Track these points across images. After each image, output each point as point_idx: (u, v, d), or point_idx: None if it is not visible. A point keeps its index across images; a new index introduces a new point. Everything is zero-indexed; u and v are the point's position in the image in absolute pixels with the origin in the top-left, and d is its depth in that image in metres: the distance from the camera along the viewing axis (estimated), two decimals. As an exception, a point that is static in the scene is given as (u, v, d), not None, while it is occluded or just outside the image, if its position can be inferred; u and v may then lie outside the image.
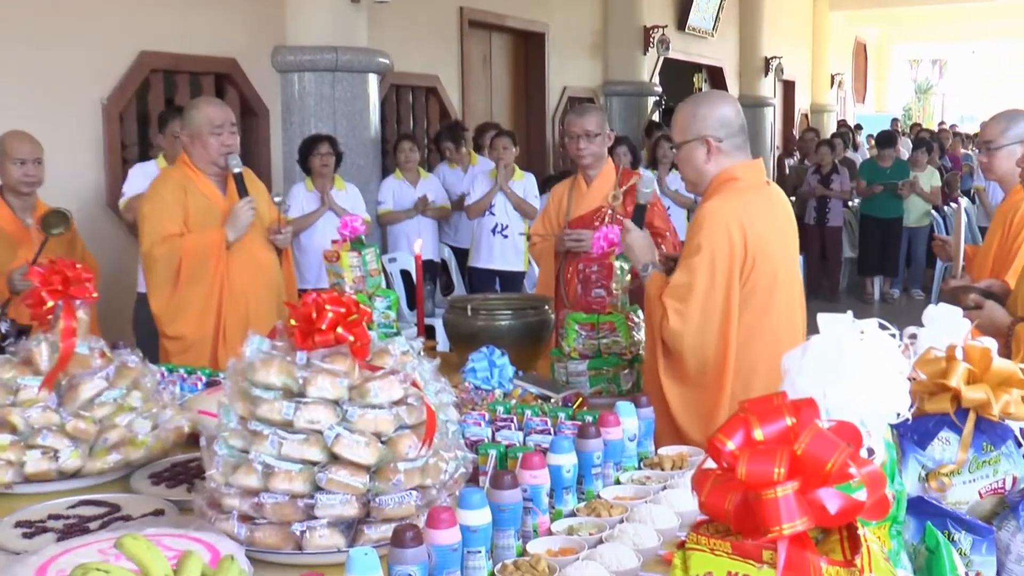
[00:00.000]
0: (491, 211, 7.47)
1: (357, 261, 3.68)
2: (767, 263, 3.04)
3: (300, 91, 7.27)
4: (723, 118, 3.10)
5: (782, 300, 3.11)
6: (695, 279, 3.00)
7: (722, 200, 3.06)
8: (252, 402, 2.08)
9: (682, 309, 3.01)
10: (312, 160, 6.66)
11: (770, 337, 3.04)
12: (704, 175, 3.14)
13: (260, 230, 4.26)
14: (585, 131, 4.55)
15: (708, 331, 3.02)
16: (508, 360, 3.10)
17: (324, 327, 2.06)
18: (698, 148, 3.11)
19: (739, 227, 2.99)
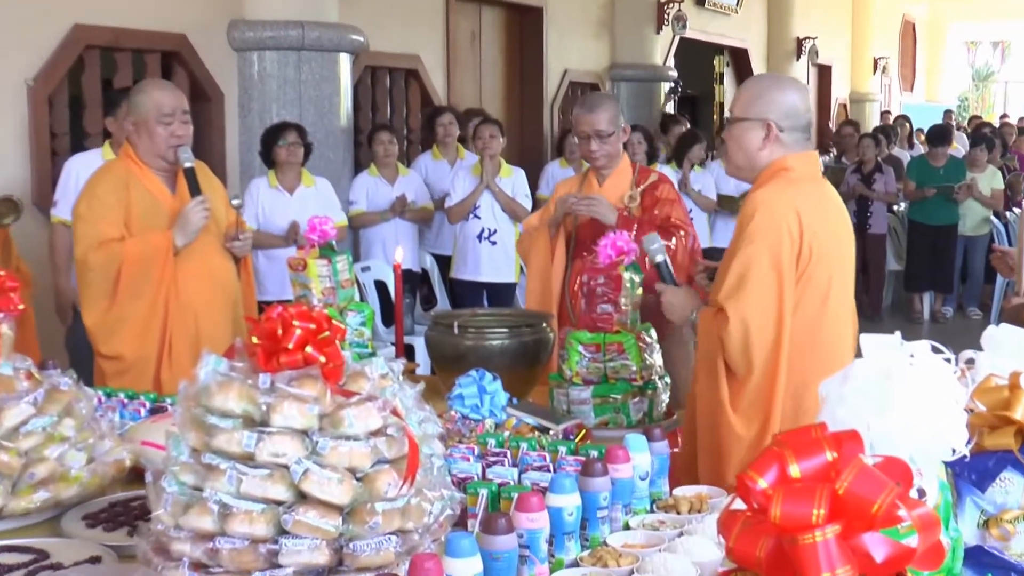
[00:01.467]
0: (476, 214, 7.48)
1: (327, 270, 3.70)
2: (823, 262, 3.18)
3: (260, 73, 7.29)
4: (791, 107, 3.25)
5: (837, 310, 3.22)
6: (750, 266, 3.11)
7: (775, 188, 3.19)
8: (207, 431, 2.09)
9: (738, 300, 3.12)
10: (278, 151, 6.67)
11: (825, 350, 3.13)
12: (754, 161, 3.26)
13: (215, 234, 4.26)
14: (596, 131, 4.57)
15: (765, 326, 3.10)
16: (500, 385, 3.12)
17: (291, 346, 2.06)
18: (755, 130, 3.24)
19: (795, 216, 3.14)
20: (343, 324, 2.23)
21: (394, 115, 9.39)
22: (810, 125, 3.31)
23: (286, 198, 6.70)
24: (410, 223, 7.73)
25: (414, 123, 9.59)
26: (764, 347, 3.13)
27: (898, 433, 1.63)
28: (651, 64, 12.62)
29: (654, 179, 4.67)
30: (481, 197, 7.46)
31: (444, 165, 8.21)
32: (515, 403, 3.17)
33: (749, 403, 3.18)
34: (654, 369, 3.58)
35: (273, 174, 6.75)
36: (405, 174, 7.82)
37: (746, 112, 3.27)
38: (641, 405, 3.51)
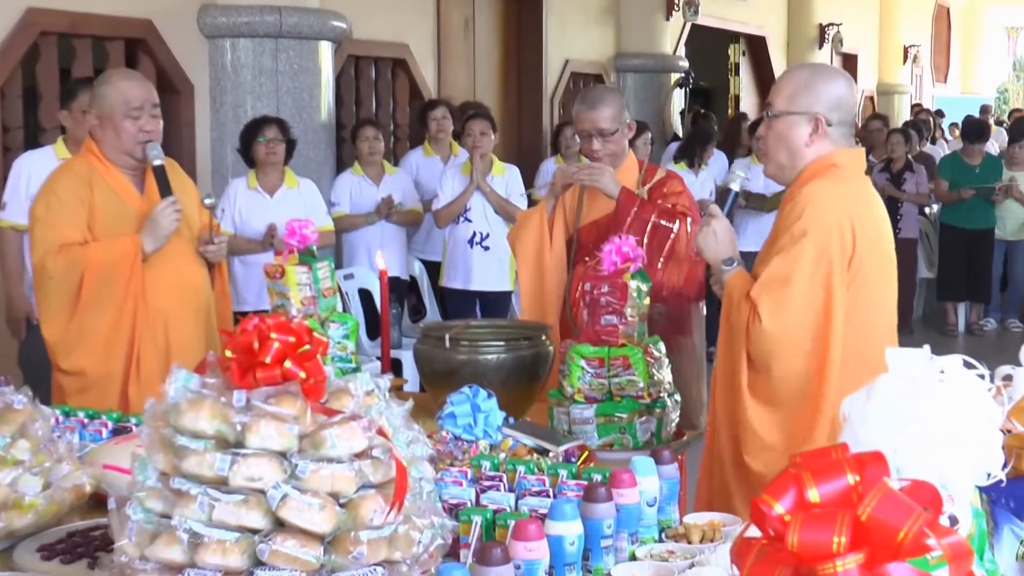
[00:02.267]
0: (466, 216, 7.48)
1: (307, 278, 3.71)
2: (872, 267, 3.22)
3: (233, 62, 7.31)
4: (840, 99, 3.28)
5: (888, 323, 3.23)
6: (795, 267, 3.13)
7: (826, 184, 3.21)
8: (176, 454, 2.09)
9: (778, 303, 3.13)
10: (257, 148, 6.67)
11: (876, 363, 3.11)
12: (799, 159, 3.28)
13: (187, 238, 4.27)
14: (598, 129, 4.58)
15: (803, 335, 3.11)
16: (496, 403, 3.13)
17: (268, 360, 2.08)
18: (802, 125, 3.26)
19: (848, 216, 3.17)
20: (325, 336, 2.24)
21: (380, 109, 9.40)
22: (856, 119, 3.37)
23: (265, 200, 6.70)
24: (397, 226, 7.73)
25: (401, 118, 9.60)
26: (795, 361, 3.14)
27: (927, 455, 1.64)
28: (660, 53, 12.64)
29: (661, 176, 4.70)
30: (472, 198, 7.45)
31: (436, 162, 8.21)
32: (512, 423, 3.18)
33: (783, 428, 3.18)
34: (663, 386, 3.58)
35: (252, 174, 6.75)
36: (392, 173, 7.82)
37: (790, 106, 3.28)
38: (649, 425, 3.52)
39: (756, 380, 3.21)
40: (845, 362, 3.15)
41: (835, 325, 3.13)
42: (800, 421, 3.17)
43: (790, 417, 3.19)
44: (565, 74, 11.64)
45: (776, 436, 3.20)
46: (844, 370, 3.14)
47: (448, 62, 10.10)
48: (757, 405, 3.21)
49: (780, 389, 3.18)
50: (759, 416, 3.21)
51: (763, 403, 3.21)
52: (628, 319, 3.59)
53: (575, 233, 4.67)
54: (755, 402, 3.21)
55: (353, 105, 9.09)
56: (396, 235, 7.74)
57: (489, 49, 10.90)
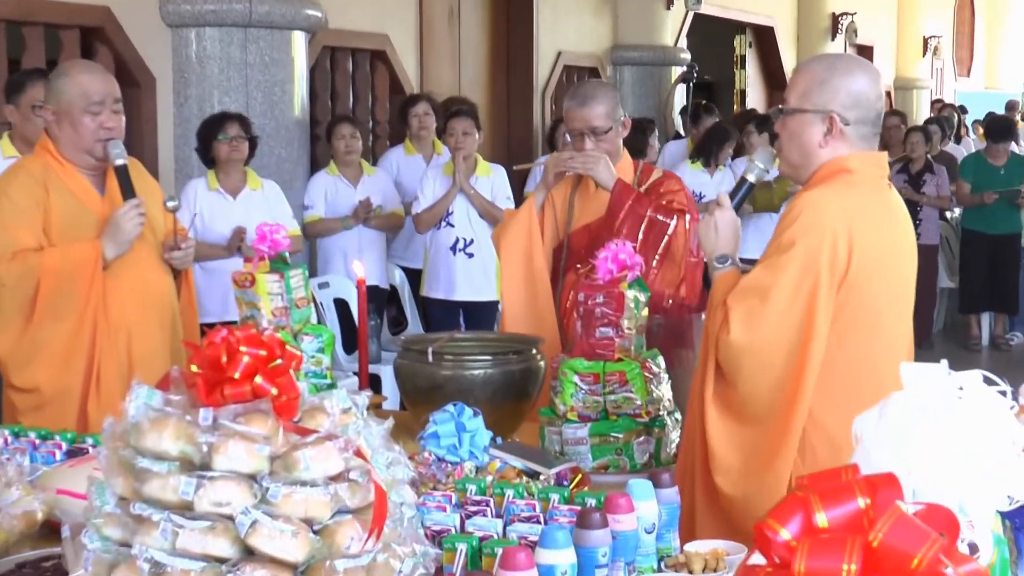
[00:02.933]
0: (448, 221, 7.49)
1: (279, 286, 3.71)
2: (873, 286, 3.16)
3: (199, 53, 7.31)
4: (859, 95, 3.23)
5: (892, 345, 3.19)
6: (777, 279, 3.11)
7: (828, 191, 3.18)
8: (137, 477, 2.10)
9: (751, 315, 3.12)
10: (217, 147, 6.68)
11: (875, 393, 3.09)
12: (811, 160, 3.26)
13: (151, 244, 4.26)
14: (591, 128, 4.58)
15: (776, 352, 3.10)
16: (482, 422, 3.14)
17: (237, 375, 2.08)
18: (815, 124, 3.23)
19: (845, 229, 3.12)
20: (298, 350, 2.24)
21: (357, 104, 9.41)
22: (880, 117, 3.28)
23: (228, 203, 6.70)
24: (376, 231, 7.74)
25: (381, 114, 9.61)
26: (765, 379, 3.14)
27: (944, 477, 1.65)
28: (660, 45, 12.67)
29: (658, 176, 4.71)
30: (454, 202, 7.45)
31: (418, 162, 8.22)
32: (499, 443, 3.19)
33: (742, 448, 3.18)
34: (662, 403, 3.59)
35: (213, 175, 6.75)
36: (370, 173, 7.83)
37: (803, 102, 3.25)
38: (647, 445, 3.53)
39: (722, 392, 3.21)
40: (832, 387, 3.12)
41: (814, 346, 3.09)
42: (762, 443, 3.15)
43: (752, 437, 3.17)
44: (558, 67, 11.65)
45: (733, 454, 3.20)
46: (830, 396, 3.12)
47: (431, 54, 10.12)
48: (719, 419, 3.20)
49: (745, 406, 3.18)
50: (717, 430, 3.20)
51: (725, 417, 3.20)
52: (625, 331, 3.59)
53: (565, 238, 4.68)
54: (717, 415, 3.21)
55: (329, 100, 9.10)
56: (375, 241, 7.75)
57: (476, 40, 10.92)
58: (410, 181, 8.04)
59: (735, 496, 3.17)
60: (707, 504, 3.26)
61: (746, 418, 3.19)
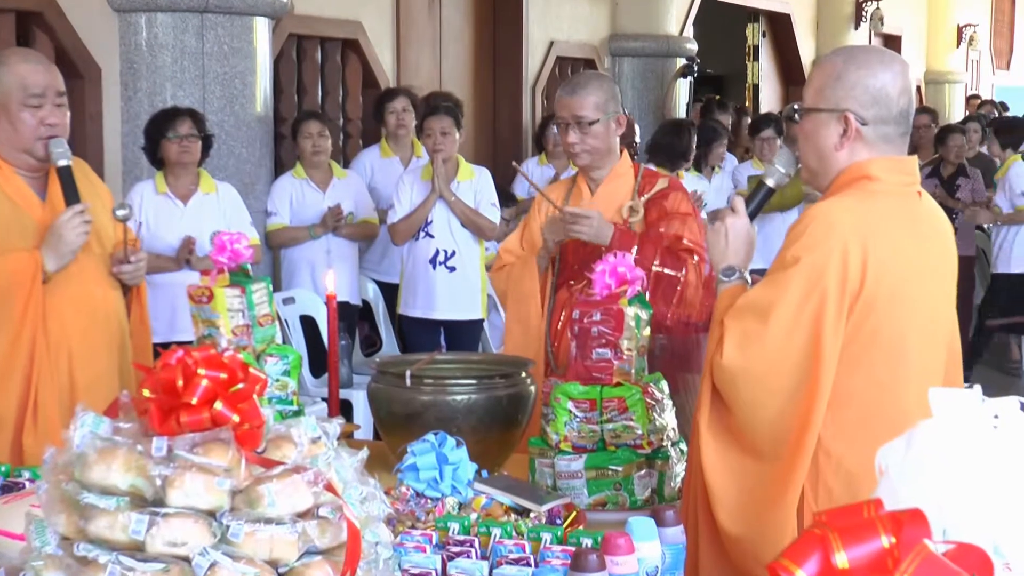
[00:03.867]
0: (427, 231, 7.46)
1: (240, 302, 3.71)
2: (894, 307, 3.12)
3: (149, 42, 7.29)
4: (879, 92, 3.21)
5: (919, 375, 3.15)
6: (779, 298, 3.09)
7: (844, 202, 3.17)
8: (82, 514, 2.10)
9: (748, 336, 3.11)
10: (166, 146, 6.66)
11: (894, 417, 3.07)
12: (828, 165, 3.25)
13: (97, 256, 4.24)
14: (576, 117, 4.60)
15: (777, 379, 3.09)
16: (466, 453, 3.14)
17: (195, 401, 2.09)
18: (829, 124, 3.23)
19: (859, 243, 3.09)
20: (262, 373, 2.25)
21: (327, 99, 9.42)
22: (907, 116, 3.25)
23: (178, 209, 6.68)
24: (347, 242, 7.73)
25: (353, 110, 9.62)
26: (764, 409, 3.12)
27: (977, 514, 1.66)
28: (663, 34, 12.67)
29: (663, 186, 4.70)
30: (434, 209, 7.43)
31: (395, 164, 8.22)
32: (485, 476, 3.20)
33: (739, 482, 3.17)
34: (666, 433, 3.60)
35: (161, 177, 6.72)
36: (341, 177, 7.82)
37: (817, 100, 3.25)
38: (649, 480, 3.54)
39: (719, 418, 3.20)
40: (847, 418, 3.11)
41: (823, 374, 3.07)
42: (766, 477, 3.12)
43: (754, 469, 3.15)
44: (549, 59, 11.66)
45: (732, 487, 3.18)
46: (846, 427, 3.10)
47: (409, 44, 10.11)
48: (714, 447, 3.18)
49: (745, 434, 3.17)
50: (712, 459, 3.18)
51: (722, 445, 3.18)
52: (624, 353, 3.60)
53: (557, 250, 4.69)
54: (713, 443, 3.18)
55: (295, 94, 9.09)
56: (346, 252, 7.74)
57: (458, 28, 10.92)
58: (386, 186, 8.02)
59: (736, 535, 3.17)
60: (709, 544, 3.26)
61: (746, 448, 3.18)
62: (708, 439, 3.20)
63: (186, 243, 6.52)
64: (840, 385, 3.11)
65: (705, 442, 3.20)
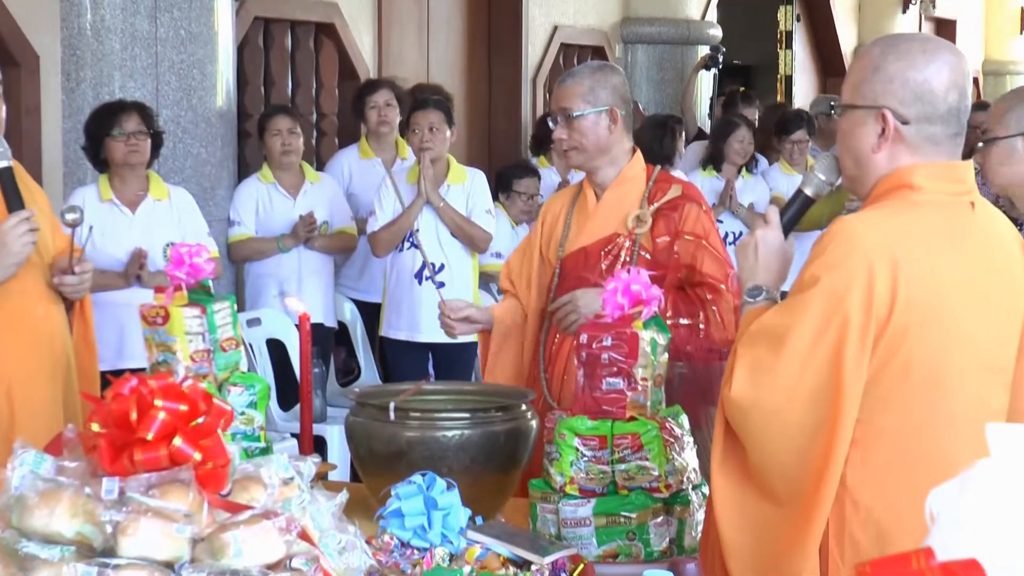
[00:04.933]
0: (412, 242, 7.46)
1: (199, 324, 3.72)
2: (932, 335, 3.09)
3: (95, 25, 7.28)
4: (922, 87, 3.18)
5: (959, 405, 3.13)
6: (794, 324, 3.08)
7: (875, 215, 3.16)
8: (21, 565, 2.11)
9: (759, 366, 3.10)
10: (111, 146, 6.66)
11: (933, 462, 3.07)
12: (866, 169, 3.24)
13: (36, 268, 4.26)
14: (561, 108, 4.63)
15: (793, 413, 3.08)
16: (458, 497, 3.15)
17: (151, 436, 2.10)
18: (866, 123, 3.21)
19: (888, 263, 3.06)
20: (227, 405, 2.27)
21: (298, 92, 9.43)
22: (957, 114, 3.21)
23: (125, 218, 6.67)
24: (322, 255, 7.74)
25: (328, 104, 9.63)
26: (781, 451, 3.11)
27: (1042, 567, 1.67)
28: (683, 18, 12.69)
29: (675, 195, 4.67)
30: (420, 217, 7.44)
31: (376, 166, 8.21)
32: (480, 523, 3.21)
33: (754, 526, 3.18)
34: (686, 475, 3.60)
35: (106, 181, 6.72)
36: (314, 181, 7.83)
37: (854, 96, 3.24)
38: (666, 528, 3.54)
39: (732, 456, 3.19)
40: (876, 462, 3.09)
41: (844, 411, 3.05)
42: (782, 524, 3.11)
43: (768, 515, 3.13)
44: (553, 46, 11.68)
45: (744, 534, 3.17)
46: (875, 472, 3.09)
47: (392, 29, 10.13)
48: (726, 488, 3.16)
49: (758, 475, 3.16)
50: (724, 502, 3.16)
51: (734, 487, 3.16)
52: (639, 383, 3.59)
53: (557, 264, 4.70)
54: (724, 484, 3.16)
55: (261, 86, 9.11)
56: (319, 267, 7.75)
57: (449, 11, 10.94)
58: (365, 191, 8.02)
59: None
60: None
61: (761, 491, 3.16)
62: (720, 480, 3.20)
63: (136, 256, 6.51)
64: (869, 424, 3.09)
65: (717, 484, 3.20)
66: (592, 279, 4.52)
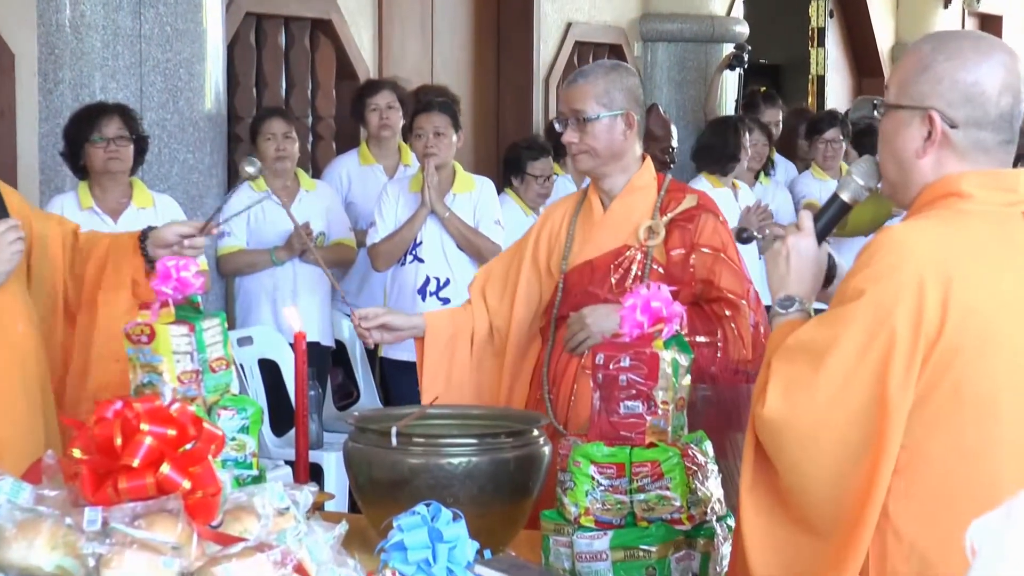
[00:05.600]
0: (415, 254, 7.47)
1: (188, 343, 3.72)
2: (984, 359, 3.07)
3: (74, 22, 7.29)
4: (973, 88, 3.18)
5: (1012, 429, 3.11)
6: (835, 339, 3.07)
7: (923, 224, 3.16)
8: (-2, 600, 2.12)
9: (796, 383, 3.10)
10: (91, 152, 6.67)
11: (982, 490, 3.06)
12: (910, 175, 3.23)
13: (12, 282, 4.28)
14: (572, 111, 4.65)
15: (832, 435, 3.07)
16: (465, 529, 3.16)
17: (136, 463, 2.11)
18: (911, 125, 3.21)
19: (940, 279, 3.05)
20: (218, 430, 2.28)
21: (292, 93, 9.45)
22: (1010, 119, 3.20)
23: (107, 227, 6.62)
24: (318, 268, 7.73)
25: (324, 107, 9.64)
26: (819, 475, 3.11)
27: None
28: (706, 14, 12.68)
29: (691, 205, 4.69)
30: (424, 228, 7.46)
31: (377, 173, 8.23)
32: (488, 557, 3.21)
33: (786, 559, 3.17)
34: (709, 505, 3.60)
35: (86, 188, 6.76)
36: (310, 188, 7.86)
37: (899, 96, 3.23)
38: (689, 562, 3.54)
39: (763, 480, 3.19)
40: (921, 489, 3.07)
41: (889, 434, 3.03)
42: (818, 555, 3.09)
43: (802, 544, 3.11)
44: (566, 45, 11.69)
45: (775, 565, 3.16)
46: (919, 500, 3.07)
47: (394, 27, 10.14)
48: (755, 516, 3.14)
49: (792, 501, 3.15)
50: (754, 530, 3.14)
51: (764, 514, 3.15)
52: (659, 407, 3.59)
53: (560, 278, 4.71)
54: (754, 511, 3.15)
55: (253, 87, 9.12)
56: (315, 281, 7.77)
57: (454, 6, 10.95)
58: (365, 200, 8.03)
59: None
60: None
61: (795, 519, 3.15)
62: (749, 506, 3.18)
63: None
64: (914, 450, 3.07)
65: (746, 510, 3.19)
66: (601, 295, 4.54)
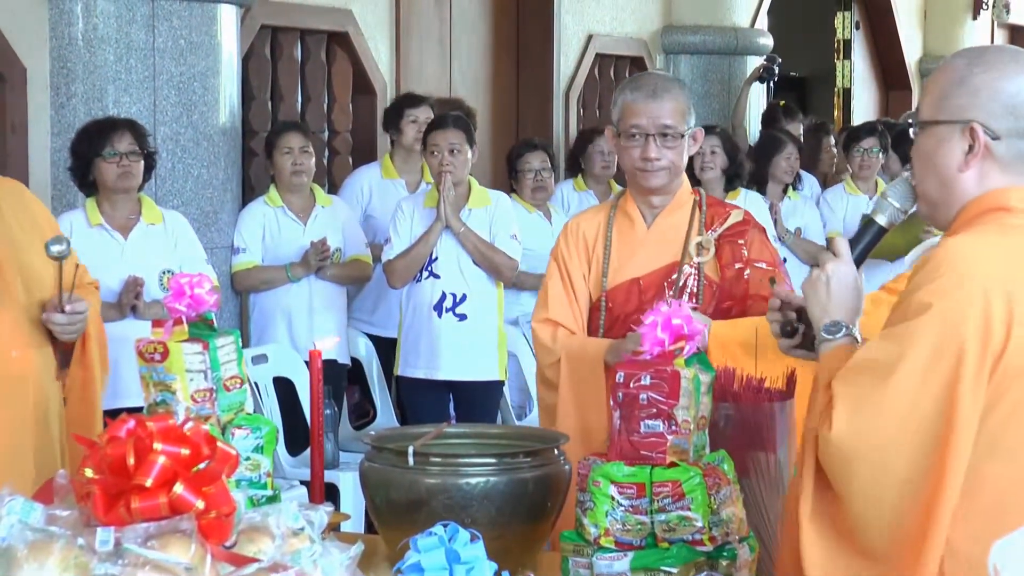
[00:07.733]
0: (431, 271, 7.47)
1: (202, 361, 3.72)
2: None
3: (87, 35, 7.30)
4: (1014, 99, 3.17)
5: None
6: (903, 355, 3.05)
7: (980, 239, 3.14)
8: (9, 622, 2.13)
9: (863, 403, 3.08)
10: (102, 168, 6.67)
11: None
12: (953, 191, 3.22)
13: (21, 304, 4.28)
14: (661, 126, 4.62)
15: (899, 454, 3.06)
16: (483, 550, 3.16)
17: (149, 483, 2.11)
18: (951, 140, 3.19)
19: (1003, 295, 3.05)
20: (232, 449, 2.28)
21: (308, 107, 9.45)
22: None
23: (117, 244, 6.72)
24: (334, 285, 7.77)
25: (341, 121, 9.63)
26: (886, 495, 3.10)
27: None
28: (730, 26, 12.66)
29: (737, 219, 4.72)
30: (439, 244, 7.46)
31: (399, 188, 8.23)
32: (507, 579, 3.22)
33: None
34: (731, 526, 3.60)
35: (94, 204, 6.76)
36: (326, 204, 7.86)
37: (937, 111, 3.22)
38: (712, 584, 3.55)
39: (825, 509, 3.17)
40: (979, 508, 3.04)
41: (955, 453, 3.02)
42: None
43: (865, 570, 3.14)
44: (587, 57, 11.68)
45: None
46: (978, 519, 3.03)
47: (412, 38, 10.13)
48: (820, 547, 3.13)
49: (859, 529, 3.14)
50: (818, 562, 3.16)
51: (830, 544, 3.14)
52: (680, 426, 3.59)
53: (602, 295, 4.71)
54: (818, 540, 3.14)
55: (268, 101, 9.12)
56: (332, 298, 7.78)
57: (473, 19, 10.95)
58: (385, 213, 8.00)
59: None
60: None
61: (858, 547, 3.14)
62: (810, 535, 3.15)
63: (131, 285, 6.51)
64: (972, 472, 3.05)
65: (806, 539, 3.16)
66: None
